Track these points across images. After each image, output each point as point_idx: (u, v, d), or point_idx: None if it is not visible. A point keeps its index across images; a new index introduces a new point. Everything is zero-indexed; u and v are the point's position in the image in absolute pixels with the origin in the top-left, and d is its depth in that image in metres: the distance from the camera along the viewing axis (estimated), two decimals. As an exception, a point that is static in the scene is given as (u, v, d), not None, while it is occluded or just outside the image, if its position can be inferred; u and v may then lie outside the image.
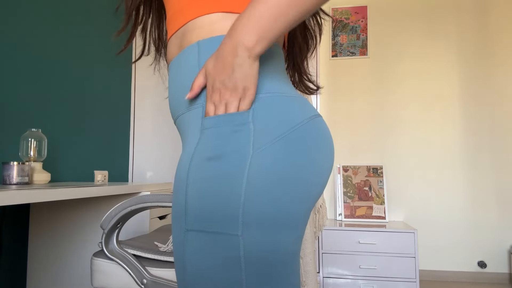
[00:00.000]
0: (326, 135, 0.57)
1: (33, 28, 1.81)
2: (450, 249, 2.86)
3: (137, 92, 2.73)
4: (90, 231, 1.74)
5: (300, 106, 0.55)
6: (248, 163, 0.50)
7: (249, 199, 0.50)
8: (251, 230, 0.50)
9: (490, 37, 2.93)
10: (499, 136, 2.87)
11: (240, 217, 0.50)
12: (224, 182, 0.51)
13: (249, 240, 0.50)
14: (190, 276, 0.53)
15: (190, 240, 0.53)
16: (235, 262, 0.51)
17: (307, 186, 0.53)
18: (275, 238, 0.51)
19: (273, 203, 0.50)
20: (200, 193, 0.52)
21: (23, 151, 1.53)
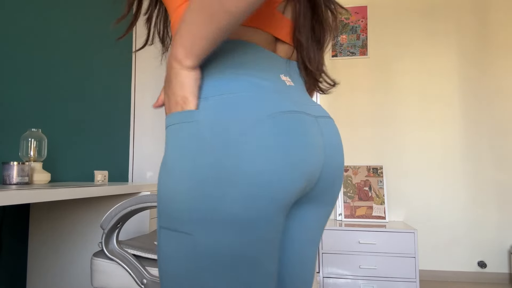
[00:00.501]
0: (287, 135, 0.55)
1: (33, 28, 1.81)
2: (450, 249, 2.86)
3: (137, 92, 2.73)
4: (90, 231, 1.74)
5: (256, 105, 0.55)
6: (192, 163, 0.52)
7: (192, 197, 0.52)
8: (198, 228, 0.52)
9: (490, 37, 2.93)
10: (499, 135, 2.87)
11: (187, 215, 0.52)
12: (172, 182, 0.54)
13: (199, 239, 0.52)
14: (162, 272, 0.57)
15: (162, 236, 0.57)
16: (191, 259, 0.53)
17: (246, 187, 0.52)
18: (217, 238, 0.52)
19: (212, 204, 0.52)
20: (159, 192, 0.56)
21: (23, 151, 1.53)
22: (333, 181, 0.67)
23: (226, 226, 0.52)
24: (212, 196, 0.52)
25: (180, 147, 0.55)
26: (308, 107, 0.63)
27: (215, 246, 0.52)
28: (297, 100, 0.61)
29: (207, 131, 0.53)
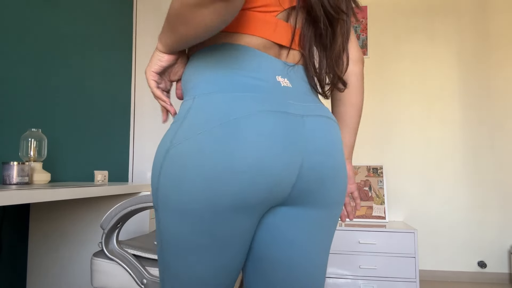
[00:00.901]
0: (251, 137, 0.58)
1: (33, 28, 1.81)
2: (450, 249, 2.86)
3: (137, 92, 2.73)
4: (90, 231, 1.74)
5: (226, 106, 0.60)
6: (167, 149, 0.61)
7: (160, 179, 0.62)
8: (160, 209, 0.63)
9: (490, 37, 2.93)
10: (499, 136, 2.87)
11: (156, 198, 0.64)
12: (154, 165, 0.64)
13: (161, 218, 0.63)
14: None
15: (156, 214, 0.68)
16: (157, 232, 0.66)
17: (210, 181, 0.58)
18: (172, 224, 0.62)
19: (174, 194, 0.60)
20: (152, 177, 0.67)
21: (23, 151, 1.53)
22: (321, 182, 0.65)
23: (179, 214, 0.60)
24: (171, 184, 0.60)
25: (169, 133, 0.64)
26: (296, 107, 0.64)
27: (169, 228, 0.63)
28: (286, 100, 0.63)
29: (185, 128, 0.61)
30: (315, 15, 0.68)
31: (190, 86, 0.66)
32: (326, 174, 0.66)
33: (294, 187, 0.63)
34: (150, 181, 0.67)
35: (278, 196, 0.62)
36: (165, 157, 0.61)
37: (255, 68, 0.64)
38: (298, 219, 0.68)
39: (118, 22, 2.51)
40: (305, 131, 0.63)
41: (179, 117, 0.63)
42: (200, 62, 0.67)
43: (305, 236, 0.69)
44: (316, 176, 0.65)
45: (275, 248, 0.69)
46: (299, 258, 0.69)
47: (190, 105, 0.63)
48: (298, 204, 0.67)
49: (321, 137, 0.65)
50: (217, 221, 0.60)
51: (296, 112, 0.63)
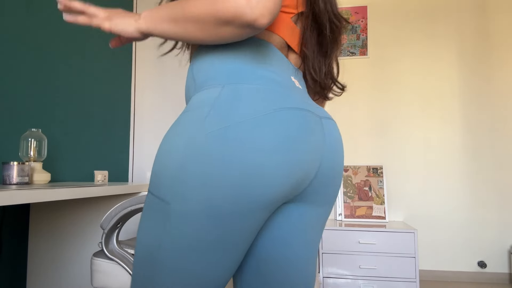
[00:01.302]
0: (284, 132, 0.57)
1: (33, 28, 1.81)
2: (450, 249, 2.86)
3: (137, 92, 2.73)
4: (90, 231, 1.74)
5: (264, 98, 0.59)
6: (194, 143, 0.56)
7: (185, 175, 0.56)
8: (176, 202, 0.56)
9: (490, 37, 2.94)
10: (499, 136, 2.87)
11: (174, 189, 0.57)
12: (173, 155, 0.58)
13: (174, 212, 0.57)
14: (138, 231, 0.64)
15: (147, 200, 0.62)
16: (161, 225, 0.58)
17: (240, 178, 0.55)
18: (194, 221, 0.56)
19: (197, 182, 0.55)
20: (158, 159, 0.61)
21: (23, 151, 1.53)
22: (330, 182, 0.68)
23: (203, 213, 0.55)
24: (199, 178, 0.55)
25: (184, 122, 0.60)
26: (314, 108, 0.66)
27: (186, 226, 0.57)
28: (305, 100, 0.65)
29: (218, 116, 0.57)
30: (321, 22, 0.72)
31: (212, 74, 0.64)
32: (334, 174, 0.69)
33: (310, 184, 0.65)
34: (156, 173, 0.60)
35: (295, 192, 0.63)
36: (191, 146, 0.56)
37: (276, 66, 0.66)
38: (301, 216, 0.68)
39: (118, 22, 2.51)
40: (323, 132, 0.65)
41: (201, 104, 0.60)
42: (224, 51, 0.66)
43: (303, 234, 0.69)
44: (328, 175, 0.67)
45: (273, 244, 0.69)
46: (295, 254, 0.69)
47: (219, 92, 0.60)
48: (305, 201, 0.67)
49: (333, 139, 0.68)
50: (245, 218, 0.57)
51: (316, 113, 0.65)
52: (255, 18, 0.53)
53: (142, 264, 0.61)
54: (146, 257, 0.61)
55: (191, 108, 0.61)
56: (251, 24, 0.53)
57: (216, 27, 0.55)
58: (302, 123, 0.60)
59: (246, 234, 0.59)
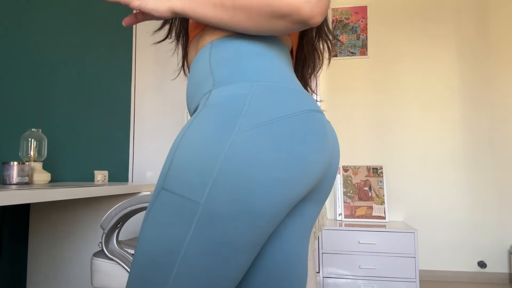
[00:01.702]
0: (318, 132, 0.57)
1: (33, 28, 1.81)
2: (450, 249, 2.86)
3: (137, 92, 2.73)
4: (90, 231, 1.74)
5: (297, 98, 0.57)
6: (230, 140, 0.52)
7: (221, 174, 0.51)
8: (212, 203, 0.52)
9: (490, 37, 2.94)
10: (499, 136, 2.87)
11: (207, 188, 0.52)
12: (205, 152, 0.53)
13: (205, 214, 0.52)
14: (142, 233, 0.57)
15: (160, 197, 0.55)
16: (185, 226, 0.52)
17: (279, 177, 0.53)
18: (227, 223, 0.52)
19: (239, 187, 0.51)
20: (183, 155, 0.54)
21: (23, 151, 1.53)
22: (330, 181, 0.70)
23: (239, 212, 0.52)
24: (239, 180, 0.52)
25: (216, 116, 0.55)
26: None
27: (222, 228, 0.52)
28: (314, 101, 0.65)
29: (255, 116, 0.54)
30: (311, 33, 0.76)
31: (240, 69, 0.61)
32: (334, 173, 0.70)
33: (319, 184, 0.66)
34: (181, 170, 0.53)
35: (308, 190, 0.62)
36: (226, 143, 0.52)
37: (290, 68, 0.67)
38: (303, 213, 0.69)
39: (118, 22, 2.51)
40: (328, 131, 0.64)
41: (232, 102, 0.55)
42: (252, 46, 0.64)
43: (303, 230, 0.70)
44: (332, 174, 0.68)
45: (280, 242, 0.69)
46: (298, 250, 0.70)
47: (251, 88, 0.57)
48: (309, 200, 0.68)
49: (334, 137, 0.69)
50: (275, 220, 0.55)
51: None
52: (313, 15, 0.53)
53: (144, 267, 0.55)
54: (152, 259, 0.54)
55: (219, 103, 0.56)
56: (306, 21, 0.54)
57: (269, 19, 0.55)
58: (324, 125, 0.60)
59: (265, 236, 0.57)
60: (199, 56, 0.68)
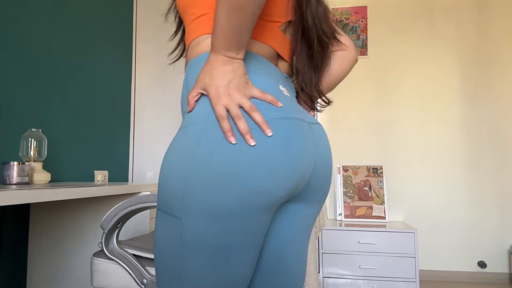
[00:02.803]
0: (280, 137, 0.59)
1: (33, 28, 1.81)
2: (450, 249, 2.86)
3: (137, 92, 2.73)
4: (90, 231, 1.74)
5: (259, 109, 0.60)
6: (195, 155, 0.58)
7: (189, 187, 0.57)
8: (189, 215, 0.58)
9: (490, 37, 2.94)
10: (499, 136, 2.87)
11: (182, 203, 0.58)
12: (175, 173, 0.59)
13: (188, 225, 0.58)
14: (155, 249, 0.64)
15: (158, 218, 0.64)
16: (177, 242, 0.60)
17: (246, 181, 0.56)
18: (205, 227, 0.57)
19: (206, 193, 0.56)
20: (162, 178, 0.62)
21: (23, 151, 1.53)
22: (322, 182, 0.72)
23: (216, 217, 0.57)
24: (207, 188, 0.56)
25: (183, 138, 0.61)
26: (304, 114, 0.68)
27: (201, 233, 0.58)
28: (294, 108, 0.66)
29: (214, 130, 0.58)
30: (310, 36, 0.73)
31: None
32: (326, 174, 0.72)
33: (306, 185, 0.68)
34: (163, 191, 0.62)
35: (294, 193, 0.65)
36: (193, 161, 0.57)
37: (265, 77, 0.66)
38: (298, 214, 0.72)
39: (118, 22, 2.51)
40: (314, 136, 0.67)
41: (196, 121, 0.61)
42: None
43: (300, 230, 0.73)
44: (321, 175, 0.70)
45: (277, 241, 0.72)
46: (294, 250, 0.73)
47: (210, 108, 0.61)
48: (301, 201, 0.71)
49: (323, 142, 0.71)
50: (253, 220, 0.59)
51: (305, 119, 0.67)
52: None
53: (169, 280, 0.62)
54: (164, 270, 0.62)
55: (187, 124, 0.62)
56: None
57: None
58: (295, 132, 0.61)
59: (256, 236, 0.61)
60: (185, 73, 0.72)
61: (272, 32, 0.70)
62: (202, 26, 0.68)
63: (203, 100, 0.63)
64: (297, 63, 0.74)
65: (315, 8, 0.72)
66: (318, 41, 0.74)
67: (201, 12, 0.69)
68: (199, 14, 0.69)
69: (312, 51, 0.74)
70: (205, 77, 0.61)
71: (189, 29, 0.71)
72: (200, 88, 0.62)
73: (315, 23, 0.72)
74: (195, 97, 0.63)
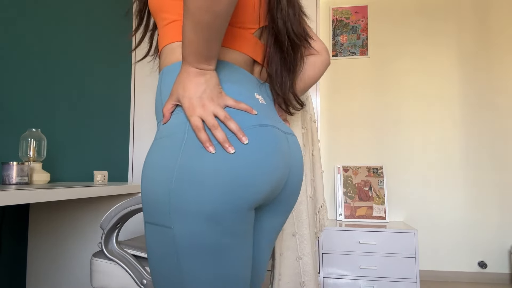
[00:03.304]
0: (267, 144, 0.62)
1: (33, 28, 1.81)
2: (450, 249, 2.86)
3: (137, 92, 2.73)
4: (90, 231, 1.74)
5: (234, 118, 0.62)
6: (177, 165, 0.59)
7: (174, 194, 0.59)
8: (177, 222, 0.59)
9: (491, 37, 2.93)
10: (499, 135, 2.86)
11: (169, 211, 0.59)
12: (158, 183, 0.60)
13: (178, 232, 0.59)
14: (150, 262, 0.65)
15: (147, 231, 0.64)
16: (171, 251, 0.61)
17: (228, 186, 0.58)
18: (194, 231, 0.59)
19: (192, 198, 0.58)
20: (145, 189, 0.63)
21: (22, 151, 1.53)
22: (292, 193, 0.74)
23: (203, 219, 0.58)
24: (192, 193, 0.58)
25: (162, 148, 0.62)
26: (279, 123, 0.69)
27: (192, 237, 0.59)
28: (270, 116, 0.68)
29: (194, 140, 0.60)
30: (281, 40, 0.73)
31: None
32: (297, 186, 0.74)
33: (280, 193, 0.71)
34: (149, 203, 0.63)
35: (270, 198, 0.67)
36: (175, 171, 0.59)
37: (238, 85, 0.67)
38: (268, 222, 0.75)
39: (118, 23, 2.51)
40: (289, 147, 0.69)
41: (174, 132, 0.62)
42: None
43: (267, 237, 0.77)
44: (292, 187, 0.73)
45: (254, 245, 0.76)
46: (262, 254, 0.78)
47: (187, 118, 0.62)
48: (272, 210, 0.74)
49: (296, 153, 0.73)
50: (237, 220, 0.61)
51: (281, 129, 0.68)
52: None
53: (170, 283, 0.63)
54: (171, 276, 0.62)
55: (166, 135, 0.63)
56: None
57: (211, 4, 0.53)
58: (270, 139, 0.63)
59: (244, 234, 0.63)
60: (159, 80, 0.72)
61: (246, 39, 0.70)
62: (174, 32, 0.68)
63: (179, 110, 0.63)
64: (270, 67, 0.74)
65: (285, 10, 0.72)
66: (290, 44, 0.74)
67: (173, 18, 0.68)
68: (171, 19, 0.68)
69: (284, 54, 0.75)
70: (179, 89, 0.61)
71: (162, 34, 0.71)
72: (174, 100, 0.63)
73: (285, 26, 0.72)
74: (170, 109, 0.64)
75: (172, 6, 0.68)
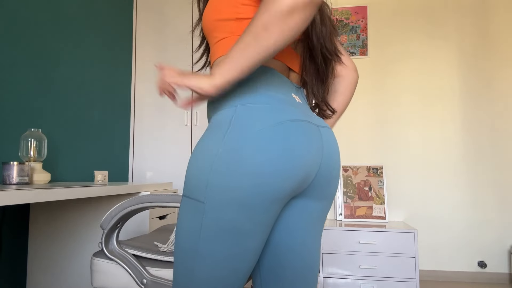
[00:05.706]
0: (293, 136, 0.70)
1: (33, 28, 1.81)
2: (450, 249, 2.86)
3: (137, 92, 2.73)
4: (90, 231, 1.74)
5: (273, 113, 0.71)
6: (218, 150, 0.69)
7: (212, 177, 0.68)
8: (210, 199, 0.68)
9: (491, 36, 2.93)
10: (499, 136, 2.87)
11: (205, 190, 0.69)
12: (202, 163, 0.70)
13: (208, 207, 0.69)
14: (176, 235, 0.75)
15: (182, 203, 0.74)
16: (197, 222, 0.70)
17: (259, 176, 0.66)
18: (222, 211, 0.68)
19: (226, 184, 0.67)
20: (190, 168, 0.73)
21: (23, 151, 1.53)
22: (328, 181, 0.80)
23: (233, 202, 0.67)
24: (228, 178, 0.67)
25: (211, 134, 0.72)
26: (313, 118, 0.78)
27: (218, 216, 0.68)
28: (304, 112, 0.76)
29: (235, 131, 0.69)
30: (315, 54, 0.84)
31: (227, 98, 0.76)
32: (332, 173, 0.80)
33: (313, 181, 0.77)
34: (191, 181, 0.73)
35: (299, 189, 0.74)
36: (217, 156, 0.68)
37: (278, 86, 0.78)
38: (305, 208, 0.81)
39: (118, 23, 2.51)
40: (321, 138, 0.77)
41: (221, 124, 0.72)
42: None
43: (307, 224, 0.82)
44: (327, 175, 0.79)
45: (286, 233, 0.81)
46: (304, 242, 0.82)
47: (233, 113, 0.72)
48: (308, 196, 0.79)
49: (330, 144, 0.80)
50: (262, 209, 0.69)
51: (314, 122, 0.76)
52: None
53: (184, 258, 0.72)
54: (187, 250, 0.72)
55: (212, 127, 0.74)
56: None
57: (285, 23, 0.61)
58: (302, 131, 0.71)
59: (265, 224, 0.71)
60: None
61: (285, 50, 0.82)
62: (222, 48, 0.80)
63: (228, 105, 0.74)
64: (306, 76, 0.86)
65: (319, 29, 0.83)
66: (322, 58, 0.85)
67: (222, 36, 0.80)
68: (221, 37, 0.80)
69: (317, 66, 0.86)
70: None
71: (213, 50, 0.83)
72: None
73: (319, 42, 0.83)
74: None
75: (221, 26, 0.80)
